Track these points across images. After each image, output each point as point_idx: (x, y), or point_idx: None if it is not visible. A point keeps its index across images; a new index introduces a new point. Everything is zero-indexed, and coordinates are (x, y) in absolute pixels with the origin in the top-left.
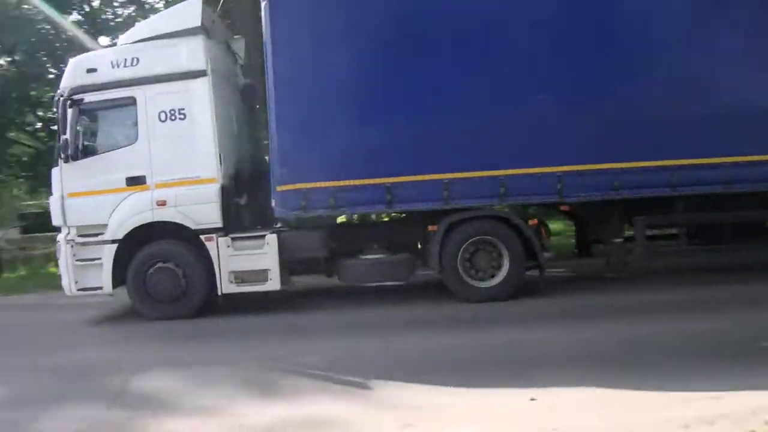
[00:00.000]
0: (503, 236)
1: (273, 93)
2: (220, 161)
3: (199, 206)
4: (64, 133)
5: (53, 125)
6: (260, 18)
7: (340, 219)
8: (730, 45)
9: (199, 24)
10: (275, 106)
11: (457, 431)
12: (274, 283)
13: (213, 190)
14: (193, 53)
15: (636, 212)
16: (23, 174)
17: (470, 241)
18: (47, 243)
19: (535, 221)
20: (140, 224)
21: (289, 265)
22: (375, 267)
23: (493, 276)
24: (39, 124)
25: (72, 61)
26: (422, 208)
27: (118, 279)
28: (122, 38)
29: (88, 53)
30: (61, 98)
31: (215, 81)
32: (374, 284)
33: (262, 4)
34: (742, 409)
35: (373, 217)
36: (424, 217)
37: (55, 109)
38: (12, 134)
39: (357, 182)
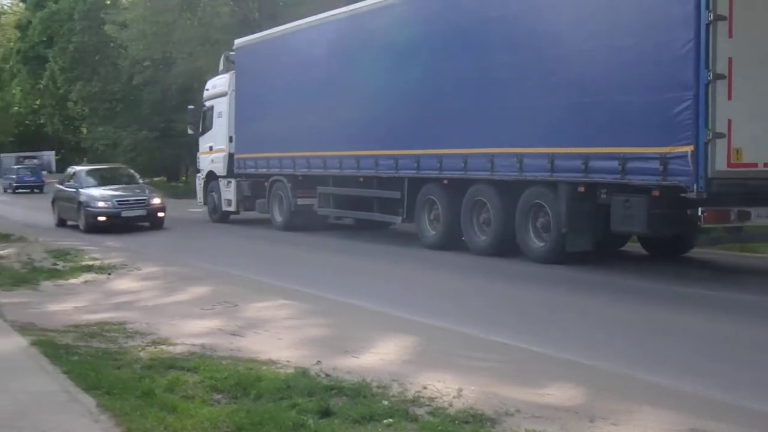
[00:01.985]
0: None
1: (235, 107)
2: (230, 140)
3: (219, 163)
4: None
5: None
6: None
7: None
8: (607, 58)
9: (227, 74)
10: (236, 114)
11: None
12: (233, 208)
13: (223, 156)
14: (224, 85)
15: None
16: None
17: None
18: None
19: None
20: (209, 170)
21: (239, 198)
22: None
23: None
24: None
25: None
26: (293, 172)
27: (205, 197)
28: (209, 82)
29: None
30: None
31: (231, 98)
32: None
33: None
34: None
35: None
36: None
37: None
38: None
39: (262, 155)
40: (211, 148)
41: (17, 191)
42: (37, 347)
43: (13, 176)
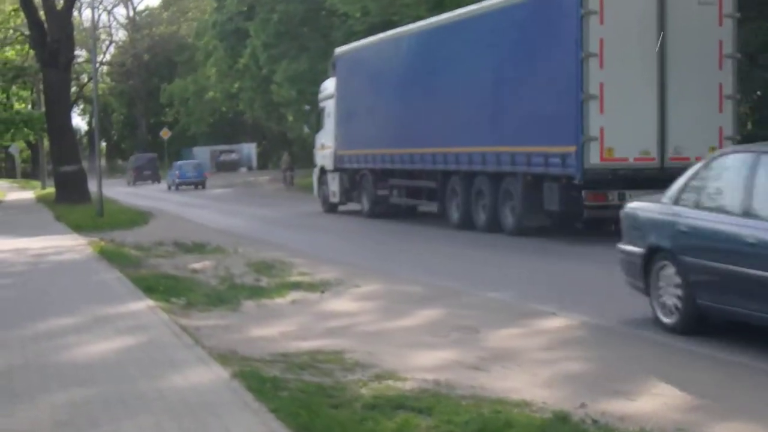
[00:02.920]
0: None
1: (336, 109)
2: (335, 138)
3: (327, 159)
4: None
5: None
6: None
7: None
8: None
9: (329, 85)
10: (336, 115)
11: None
12: (337, 199)
13: (330, 152)
14: (331, 88)
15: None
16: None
17: None
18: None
19: None
20: (321, 165)
21: (341, 190)
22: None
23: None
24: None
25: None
26: (374, 166)
27: (318, 189)
28: (323, 84)
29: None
30: None
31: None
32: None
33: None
34: None
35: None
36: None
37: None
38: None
39: (354, 152)
40: (323, 145)
41: (180, 188)
42: (240, 380)
43: (176, 172)
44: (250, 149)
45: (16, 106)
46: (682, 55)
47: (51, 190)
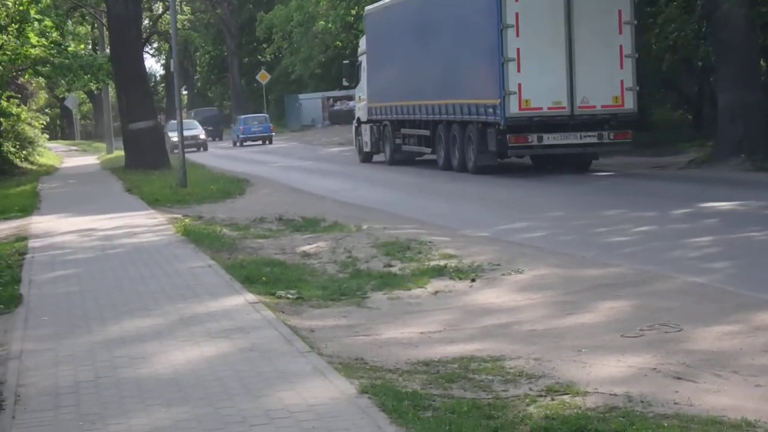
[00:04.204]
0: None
1: (367, 64)
2: (367, 91)
3: (362, 111)
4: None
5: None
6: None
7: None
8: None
9: (364, 41)
10: (368, 70)
11: None
12: (369, 149)
13: (364, 104)
14: (363, 45)
15: None
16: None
17: None
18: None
19: None
20: (357, 117)
21: (372, 140)
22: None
23: None
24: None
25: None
26: (392, 117)
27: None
28: (361, 40)
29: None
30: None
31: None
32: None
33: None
34: None
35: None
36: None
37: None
38: None
39: (380, 104)
40: (359, 98)
41: (245, 144)
42: (371, 396)
43: (240, 127)
44: None
45: (73, 47)
46: (587, 23)
47: (119, 153)
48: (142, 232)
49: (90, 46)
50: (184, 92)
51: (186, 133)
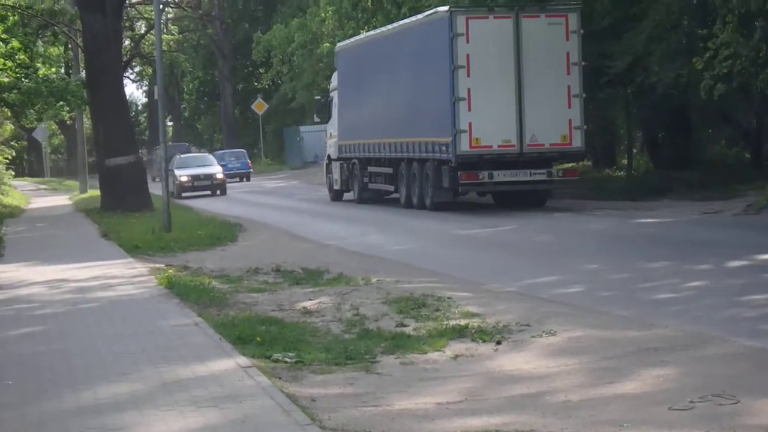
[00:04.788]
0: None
1: (338, 100)
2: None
3: (332, 148)
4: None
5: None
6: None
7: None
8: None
9: (335, 78)
10: (338, 106)
11: None
12: (338, 186)
13: (334, 141)
14: (334, 82)
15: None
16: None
17: None
18: None
19: None
20: (328, 154)
21: (342, 178)
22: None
23: None
24: None
25: None
26: (359, 155)
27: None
28: (333, 75)
29: None
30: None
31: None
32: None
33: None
34: None
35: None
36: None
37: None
38: None
39: (349, 142)
40: (330, 135)
41: None
42: None
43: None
44: None
45: (44, 70)
46: (536, 65)
47: (95, 193)
48: (119, 284)
49: (63, 70)
50: (169, 123)
51: (198, 171)
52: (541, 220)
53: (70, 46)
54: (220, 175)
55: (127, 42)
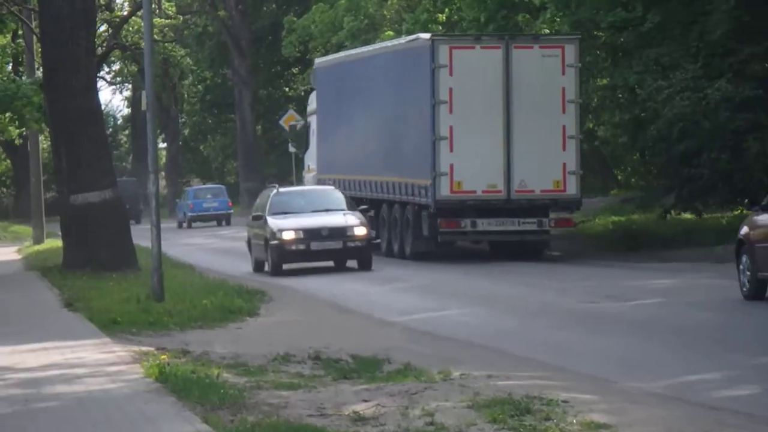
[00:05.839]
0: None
1: (317, 127)
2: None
3: (310, 183)
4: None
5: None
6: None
7: None
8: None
9: (314, 99)
10: (317, 134)
11: None
12: None
13: (313, 176)
14: (313, 102)
15: None
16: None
17: None
18: None
19: None
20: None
21: None
22: None
23: None
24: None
25: None
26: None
27: None
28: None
29: None
30: None
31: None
32: None
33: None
34: None
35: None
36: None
37: None
38: None
39: (330, 176)
40: (309, 168)
41: (193, 225)
42: None
43: (189, 203)
44: None
45: None
46: (528, 101)
47: (55, 243)
48: (89, 375)
49: (10, 67)
50: (162, 145)
51: (316, 220)
52: (698, 292)
53: (21, 32)
54: (360, 230)
55: (102, 27)
